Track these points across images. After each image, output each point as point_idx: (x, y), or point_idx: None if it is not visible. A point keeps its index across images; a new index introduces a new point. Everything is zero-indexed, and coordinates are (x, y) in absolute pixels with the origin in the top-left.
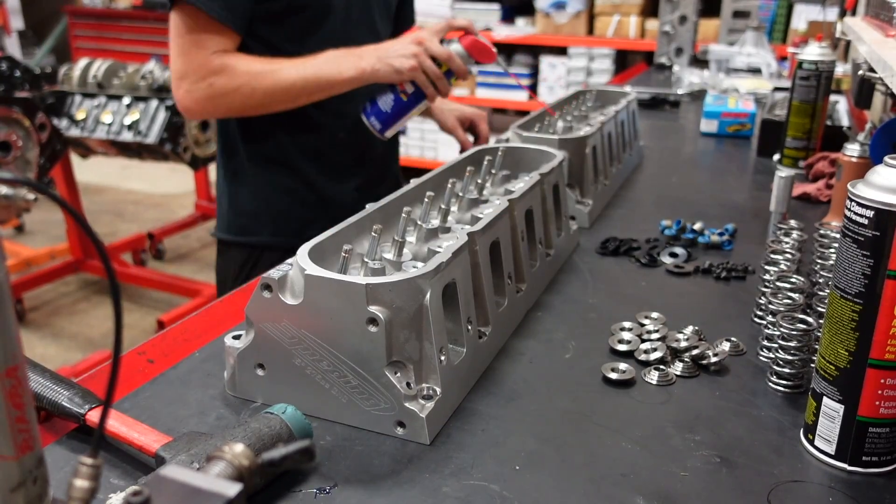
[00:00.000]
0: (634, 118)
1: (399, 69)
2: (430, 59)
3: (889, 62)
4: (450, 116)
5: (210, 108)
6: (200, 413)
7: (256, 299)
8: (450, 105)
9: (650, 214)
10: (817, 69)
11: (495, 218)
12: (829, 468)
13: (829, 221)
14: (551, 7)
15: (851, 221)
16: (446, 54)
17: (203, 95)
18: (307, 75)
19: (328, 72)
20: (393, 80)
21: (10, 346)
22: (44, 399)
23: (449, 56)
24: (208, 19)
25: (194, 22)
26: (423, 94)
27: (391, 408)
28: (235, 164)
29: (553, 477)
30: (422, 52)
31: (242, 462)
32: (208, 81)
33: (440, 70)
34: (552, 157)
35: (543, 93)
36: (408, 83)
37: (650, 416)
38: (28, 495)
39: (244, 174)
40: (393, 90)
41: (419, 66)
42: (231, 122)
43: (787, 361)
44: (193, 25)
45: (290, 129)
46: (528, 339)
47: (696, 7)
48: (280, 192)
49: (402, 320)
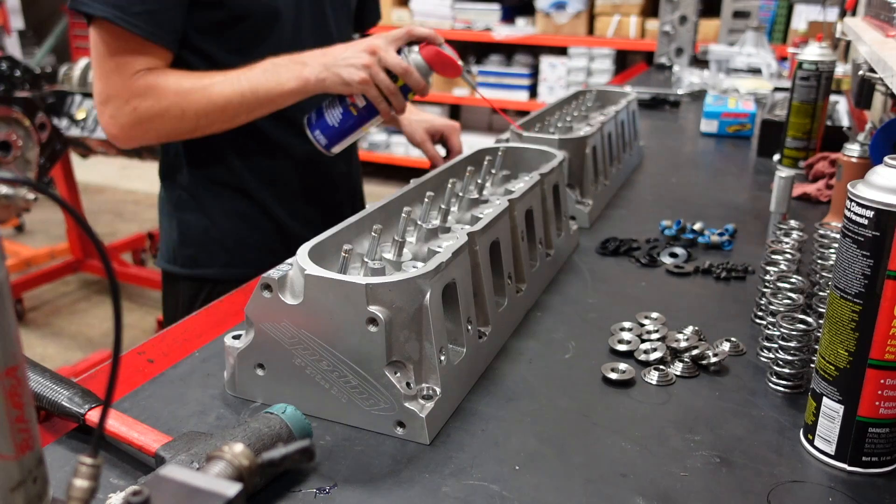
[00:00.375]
0: (634, 118)
1: (348, 81)
2: (385, 71)
3: (889, 62)
4: (418, 129)
5: (138, 134)
6: (200, 413)
7: (256, 299)
8: (419, 115)
9: (650, 214)
10: (817, 69)
11: (495, 218)
12: (828, 468)
13: (829, 221)
14: (551, 7)
15: (851, 222)
16: (402, 67)
17: (128, 121)
18: (243, 90)
19: (267, 84)
20: (341, 92)
21: (10, 346)
22: (44, 399)
23: (405, 69)
24: (131, 37)
25: (115, 40)
26: (376, 110)
27: (391, 408)
28: (180, 189)
29: (553, 477)
30: (375, 62)
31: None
32: (132, 105)
33: (395, 84)
34: (552, 157)
35: (543, 93)
36: (359, 96)
37: (650, 417)
38: (28, 495)
39: (190, 200)
40: (342, 102)
41: (371, 79)
42: (173, 143)
43: (787, 361)
44: (115, 44)
45: (240, 149)
46: (528, 339)
47: (696, 7)
48: (232, 218)
49: (402, 320)
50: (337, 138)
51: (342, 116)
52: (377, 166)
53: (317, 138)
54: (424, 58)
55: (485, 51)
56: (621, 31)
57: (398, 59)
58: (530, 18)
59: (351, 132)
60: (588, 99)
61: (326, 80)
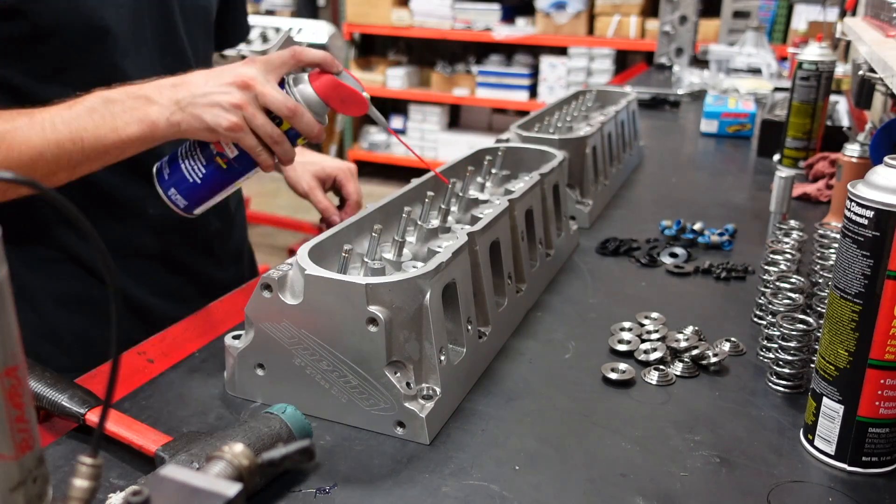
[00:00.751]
0: (634, 118)
1: (212, 126)
2: (263, 111)
3: (889, 62)
4: (305, 175)
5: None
6: (200, 413)
7: (256, 299)
8: (306, 157)
9: (650, 214)
10: (817, 69)
11: (495, 218)
12: (828, 468)
13: (829, 222)
14: (551, 7)
15: (851, 222)
16: (288, 107)
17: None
18: (61, 138)
19: (96, 130)
20: (203, 139)
21: (10, 346)
22: (44, 399)
23: (292, 110)
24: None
25: None
26: (254, 162)
27: (391, 408)
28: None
29: (552, 477)
30: (249, 101)
31: (242, 462)
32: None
33: (280, 129)
34: (552, 157)
35: (543, 93)
36: (228, 144)
37: (650, 417)
38: (28, 495)
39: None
40: (204, 151)
41: (244, 124)
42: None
43: (787, 362)
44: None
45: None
46: (528, 339)
47: (696, 7)
48: (68, 307)
49: (402, 320)
50: (200, 198)
51: (205, 171)
52: (377, 166)
53: (172, 199)
54: (318, 91)
55: (485, 51)
56: (621, 31)
57: (282, 97)
58: (530, 18)
59: (219, 191)
60: (588, 99)
61: (182, 124)
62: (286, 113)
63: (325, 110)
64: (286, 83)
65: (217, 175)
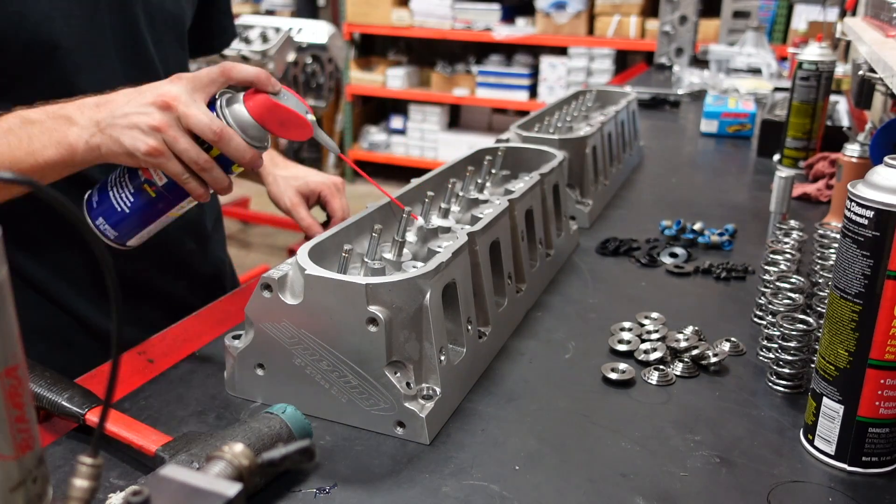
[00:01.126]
0: (634, 118)
1: (130, 150)
2: (189, 134)
3: (889, 62)
4: (288, 191)
5: None
6: (200, 413)
7: (256, 299)
8: (288, 170)
9: (650, 214)
10: (817, 69)
11: (495, 218)
12: (828, 468)
13: (829, 222)
14: (551, 7)
15: (851, 222)
16: (214, 131)
17: None
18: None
19: (12, 153)
20: (126, 164)
21: (10, 346)
22: (44, 399)
23: (218, 134)
24: None
25: None
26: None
27: (391, 408)
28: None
29: (553, 477)
30: (170, 123)
31: (242, 462)
32: None
33: (209, 154)
34: (552, 157)
35: (543, 93)
36: (156, 171)
37: (650, 417)
38: (28, 495)
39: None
40: (133, 179)
41: (163, 149)
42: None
43: (787, 362)
44: None
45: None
46: (528, 339)
47: (696, 7)
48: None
49: (402, 320)
50: (130, 229)
51: (133, 200)
52: (377, 166)
53: (101, 229)
54: (252, 112)
55: (485, 51)
56: (621, 31)
57: (206, 119)
58: (530, 18)
59: (151, 221)
60: (588, 99)
61: (102, 148)
62: (211, 136)
63: (262, 134)
64: (217, 103)
65: (147, 204)
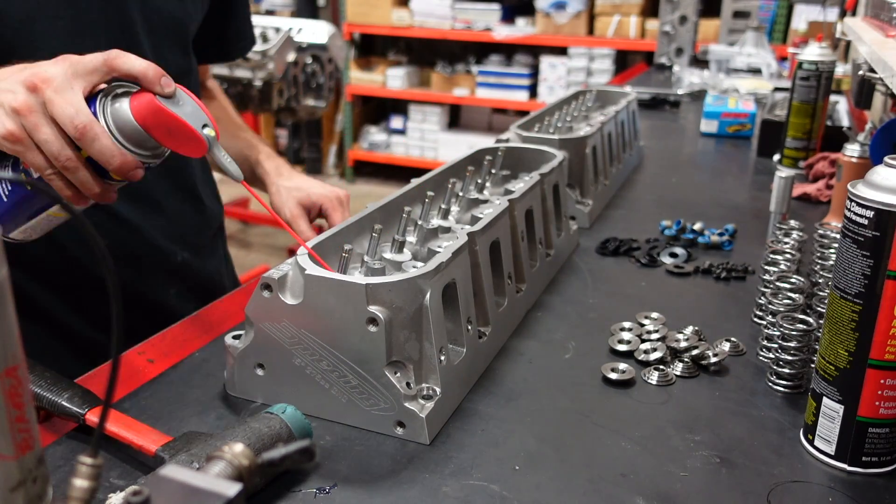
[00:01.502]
0: (634, 118)
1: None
2: (53, 123)
3: (889, 62)
4: (289, 202)
5: None
6: (200, 413)
7: (256, 299)
8: (293, 181)
9: (650, 214)
10: (817, 69)
11: (495, 218)
12: (829, 468)
13: (829, 222)
14: (551, 7)
15: (851, 222)
16: (76, 125)
17: None
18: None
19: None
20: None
21: (10, 346)
22: (44, 399)
23: (81, 129)
24: None
25: None
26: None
27: (391, 408)
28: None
29: (552, 477)
30: (32, 107)
31: (242, 462)
32: None
33: (77, 152)
34: (552, 157)
35: (543, 93)
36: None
37: (650, 417)
38: (28, 495)
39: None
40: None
41: (22, 136)
42: None
43: (787, 362)
44: None
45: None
46: (528, 339)
47: (696, 7)
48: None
49: (402, 320)
50: (11, 220)
51: (10, 188)
52: (377, 166)
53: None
54: (134, 114)
55: (485, 51)
56: (621, 31)
57: (71, 109)
58: (530, 18)
59: (34, 215)
60: (588, 99)
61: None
62: (72, 131)
63: (144, 140)
64: (97, 97)
65: (25, 197)
